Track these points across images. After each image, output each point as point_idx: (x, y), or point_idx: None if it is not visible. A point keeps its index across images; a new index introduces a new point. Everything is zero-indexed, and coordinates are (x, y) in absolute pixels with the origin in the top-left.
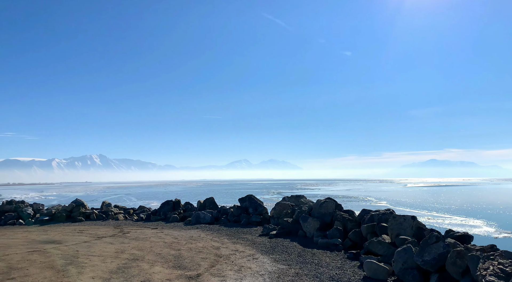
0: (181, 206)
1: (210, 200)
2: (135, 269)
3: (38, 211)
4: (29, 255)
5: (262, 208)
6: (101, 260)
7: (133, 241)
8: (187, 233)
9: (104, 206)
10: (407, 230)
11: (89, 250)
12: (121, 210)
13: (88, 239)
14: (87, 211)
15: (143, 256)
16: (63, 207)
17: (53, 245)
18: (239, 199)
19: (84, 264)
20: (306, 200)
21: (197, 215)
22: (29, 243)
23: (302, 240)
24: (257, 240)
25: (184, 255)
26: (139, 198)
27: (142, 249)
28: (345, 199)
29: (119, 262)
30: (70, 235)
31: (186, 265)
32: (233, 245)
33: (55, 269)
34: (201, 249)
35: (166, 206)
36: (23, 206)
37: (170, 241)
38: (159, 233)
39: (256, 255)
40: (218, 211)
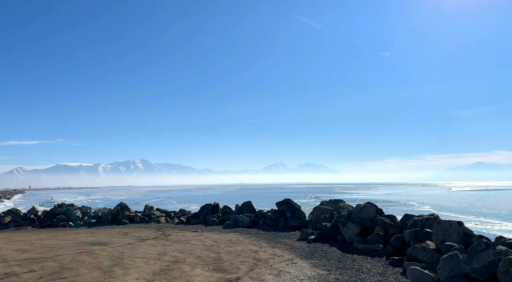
0: (220, 209)
1: (247, 203)
2: (176, 271)
3: (86, 214)
4: (79, 256)
5: (299, 212)
6: (144, 261)
7: (175, 243)
8: (226, 236)
9: (146, 209)
10: (453, 236)
11: (133, 252)
12: (163, 213)
13: (132, 241)
14: (131, 214)
15: (184, 258)
16: (109, 210)
17: (100, 247)
18: (276, 203)
19: (129, 265)
20: (345, 204)
21: (235, 218)
22: (78, 245)
23: (342, 245)
24: (295, 245)
25: (223, 258)
26: (179, 201)
27: (183, 252)
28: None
29: (162, 264)
30: (115, 237)
31: (225, 268)
32: (271, 249)
33: (102, 270)
34: (240, 253)
35: (205, 209)
36: (72, 209)
37: (210, 244)
38: (199, 236)
39: (295, 260)
40: (255, 215)
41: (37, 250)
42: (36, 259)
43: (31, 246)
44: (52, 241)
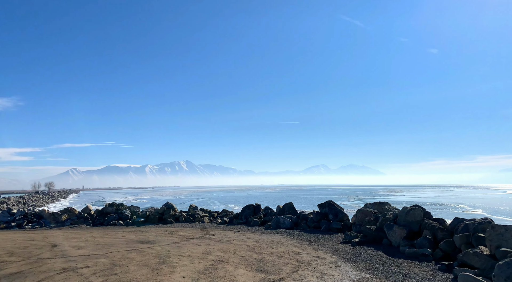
0: (261, 210)
1: (289, 205)
2: (220, 271)
3: (134, 213)
4: (128, 254)
5: (342, 215)
6: (189, 260)
7: (218, 243)
8: (268, 237)
9: (191, 209)
10: (509, 242)
11: (179, 250)
12: (206, 213)
13: (178, 240)
14: (176, 214)
15: (227, 258)
16: (156, 210)
17: (148, 245)
18: (318, 205)
19: (175, 263)
20: (391, 207)
21: (277, 219)
22: (128, 242)
23: (387, 249)
24: (338, 247)
25: (266, 259)
26: (221, 201)
27: (227, 251)
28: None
29: (206, 263)
30: (162, 236)
31: (268, 269)
32: (314, 251)
33: (150, 267)
34: (282, 254)
35: (247, 210)
36: (122, 208)
37: (252, 245)
38: (241, 236)
39: (338, 263)
40: (297, 217)
41: (91, 247)
42: (90, 256)
43: (85, 243)
44: (104, 238)
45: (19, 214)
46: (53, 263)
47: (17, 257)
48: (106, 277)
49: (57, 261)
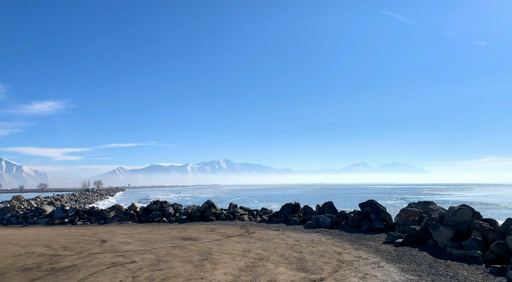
0: (300, 209)
1: (329, 204)
2: (261, 269)
3: (177, 210)
4: (172, 250)
5: (385, 214)
6: (230, 257)
7: (258, 241)
8: (307, 236)
9: (231, 207)
10: None
11: (220, 247)
12: (246, 211)
13: (219, 238)
14: (217, 211)
15: (267, 256)
16: (197, 207)
17: (190, 242)
18: (359, 204)
19: (217, 260)
20: (436, 206)
21: (317, 218)
22: (171, 239)
23: (433, 250)
24: (381, 248)
25: (306, 258)
26: (260, 200)
27: (267, 250)
28: (483, 206)
29: (247, 261)
30: (203, 233)
31: (309, 268)
32: (355, 251)
33: (193, 264)
34: (322, 253)
35: (286, 208)
36: (165, 206)
37: (292, 243)
38: (281, 234)
39: (381, 263)
40: (337, 216)
41: (137, 243)
42: (137, 251)
43: (131, 239)
44: (149, 235)
45: (71, 210)
46: (103, 258)
47: (70, 251)
48: (152, 272)
49: (107, 256)
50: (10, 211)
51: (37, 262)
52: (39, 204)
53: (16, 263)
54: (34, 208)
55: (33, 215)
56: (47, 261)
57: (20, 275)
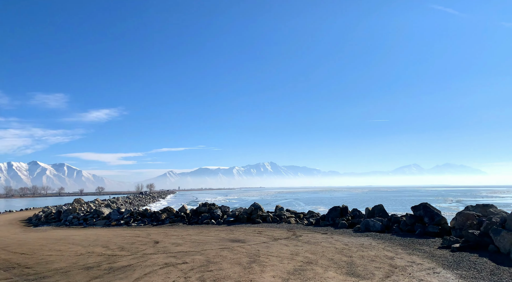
0: (349, 212)
1: (379, 207)
2: (310, 272)
3: (225, 213)
4: (221, 251)
5: (440, 218)
6: (278, 260)
7: (306, 244)
8: (357, 240)
9: (277, 209)
10: None
11: (268, 250)
12: (292, 214)
13: (266, 240)
14: (263, 214)
15: (316, 260)
16: (244, 210)
17: (238, 244)
18: (411, 207)
19: (265, 263)
20: (497, 209)
21: (366, 222)
22: (220, 241)
23: (494, 256)
24: (436, 253)
25: (356, 263)
26: (306, 203)
27: (315, 253)
28: None
29: (295, 264)
30: (251, 235)
31: (359, 273)
32: (408, 256)
33: (242, 266)
34: (373, 258)
35: (334, 211)
36: (214, 208)
37: (341, 247)
38: (329, 238)
39: (437, 269)
40: (388, 219)
41: (188, 244)
42: (188, 252)
43: (182, 240)
44: (199, 236)
45: (126, 212)
46: (156, 258)
47: (126, 252)
48: (202, 273)
49: (160, 256)
50: (72, 213)
51: (96, 261)
52: (97, 206)
53: (79, 262)
54: (93, 210)
55: (92, 216)
56: (105, 260)
57: (82, 273)
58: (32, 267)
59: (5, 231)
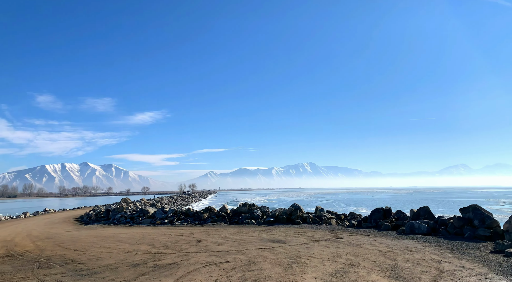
0: (392, 214)
1: (424, 209)
2: (352, 275)
3: (265, 213)
4: (262, 251)
5: (491, 221)
6: (320, 262)
7: (347, 246)
8: (401, 243)
9: (317, 210)
10: None
11: (309, 251)
12: (333, 215)
13: (306, 241)
14: (303, 215)
15: (358, 262)
16: (284, 210)
17: (278, 244)
18: (460, 209)
19: (306, 264)
20: None
21: (411, 224)
22: (261, 241)
23: None
24: (488, 257)
25: (401, 266)
26: (347, 204)
27: (357, 255)
28: None
29: (337, 266)
30: (291, 236)
31: (404, 277)
32: (457, 260)
33: (282, 266)
34: (419, 261)
35: (377, 213)
36: (253, 208)
37: (385, 250)
38: (372, 240)
39: (489, 275)
40: (435, 222)
41: (229, 243)
42: (229, 252)
43: (224, 239)
44: (239, 236)
45: (170, 212)
46: (199, 257)
47: (170, 250)
48: (243, 272)
49: (202, 255)
50: (120, 212)
51: (143, 258)
52: (143, 205)
53: (126, 259)
54: (139, 209)
55: (138, 215)
56: (151, 258)
57: (130, 270)
58: (84, 263)
59: (59, 229)
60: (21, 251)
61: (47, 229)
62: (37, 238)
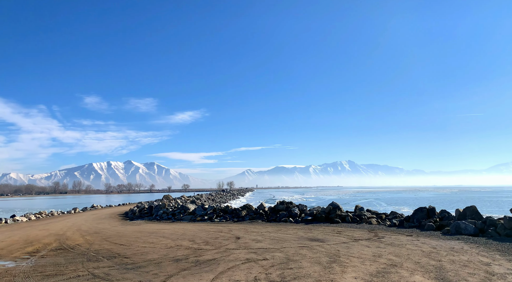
0: (436, 213)
1: (471, 208)
2: (394, 275)
3: (302, 211)
4: (300, 250)
5: None
6: (360, 261)
7: (389, 246)
8: (446, 244)
9: (357, 209)
10: None
11: (348, 250)
12: (373, 215)
13: (346, 240)
14: (342, 214)
15: (401, 262)
16: (322, 209)
17: (317, 243)
18: (511, 209)
19: (346, 263)
20: None
21: (457, 224)
22: (299, 239)
23: None
24: None
25: (446, 267)
26: (388, 203)
27: (399, 256)
28: None
29: (378, 266)
30: (330, 235)
31: (450, 279)
32: (508, 263)
33: (321, 265)
34: (466, 263)
35: (420, 212)
36: (291, 206)
37: (429, 251)
38: (414, 240)
39: None
40: (483, 222)
41: (267, 241)
42: (267, 249)
43: (262, 237)
44: (277, 234)
45: (210, 209)
46: (238, 254)
47: (210, 246)
48: (282, 270)
49: (241, 252)
50: (162, 209)
51: (184, 254)
52: (183, 202)
53: (169, 254)
54: (180, 206)
55: (179, 212)
56: (192, 254)
57: (172, 265)
58: (129, 257)
59: (106, 224)
60: (72, 244)
61: (95, 224)
62: (86, 233)
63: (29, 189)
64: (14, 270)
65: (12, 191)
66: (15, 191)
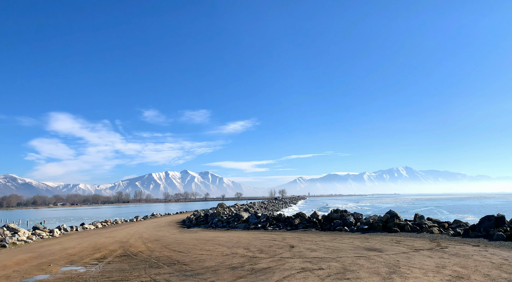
0: (506, 222)
1: None
2: None
3: (358, 220)
4: (357, 260)
5: None
6: (422, 273)
7: (453, 257)
8: None
9: (417, 218)
10: None
11: (409, 261)
12: (435, 223)
13: (406, 250)
14: (401, 222)
15: (468, 275)
16: (379, 217)
17: (375, 253)
18: None
19: (407, 274)
20: None
21: None
22: (355, 249)
23: None
24: None
25: None
26: (450, 211)
27: (466, 267)
28: None
29: (442, 278)
30: (388, 244)
31: None
32: None
33: (380, 276)
34: None
35: (487, 221)
36: (346, 215)
37: (499, 262)
38: (482, 251)
39: None
40: None
41: (322, 250)
42: (323, 258)
43: (316, 246)
44: (332, 243)
45: (263, 217)
46: (293, 262)
47: (265, 254)
48: (339, 280)
49: (296, 261)
50: (217, 216)
51: (240, 262)
52: (237, 210)
53: (225, 262)
54: (234, 214)
55: (234, 220)
56: (247, 262)
57: (228, 273)
58: (188, 264)
59: (165, 231)
60: (135, 251)
61: (155, 232)
62: (147, 240)
63: (96, 199)
64: (85, 274)
65: (81, 201)
66: (84, 201)
